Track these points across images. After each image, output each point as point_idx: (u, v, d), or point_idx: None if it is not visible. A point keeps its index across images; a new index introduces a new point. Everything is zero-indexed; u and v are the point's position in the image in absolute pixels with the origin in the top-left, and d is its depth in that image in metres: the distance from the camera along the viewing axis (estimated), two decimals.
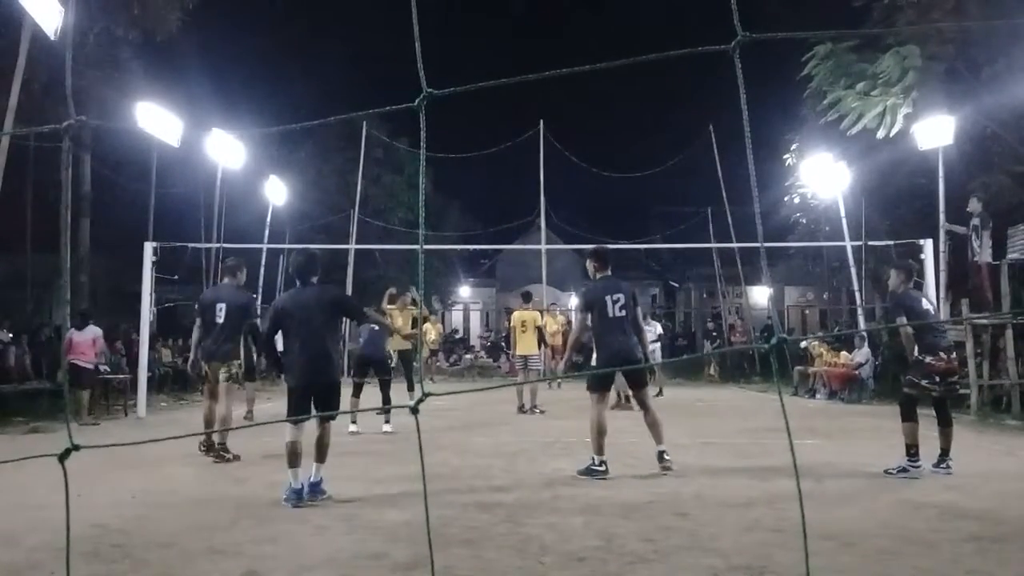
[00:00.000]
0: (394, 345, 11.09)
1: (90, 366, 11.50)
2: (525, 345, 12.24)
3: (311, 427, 5.64)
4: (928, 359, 6.39)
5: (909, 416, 6.45)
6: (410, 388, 11.85)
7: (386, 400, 9.57)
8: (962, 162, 14.07)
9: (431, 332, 13.95)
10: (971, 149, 14.39)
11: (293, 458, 5.40)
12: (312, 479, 5.45)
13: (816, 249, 20.69)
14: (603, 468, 6.35)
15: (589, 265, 6.91)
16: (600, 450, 6.42)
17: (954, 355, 6.83)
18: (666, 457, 6.48)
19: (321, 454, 5.56)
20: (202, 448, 7.44)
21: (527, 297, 13.12)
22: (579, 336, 7.03)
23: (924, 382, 6.45)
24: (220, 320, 7.38)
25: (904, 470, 6.32)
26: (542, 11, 51.56)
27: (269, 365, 9.28)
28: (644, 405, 6.70)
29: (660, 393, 14.85)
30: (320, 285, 5.85)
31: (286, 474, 5.38)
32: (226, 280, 7.81)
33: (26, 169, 16.84)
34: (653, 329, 15.93)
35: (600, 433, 6.48)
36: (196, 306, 7.83)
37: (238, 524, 4.78)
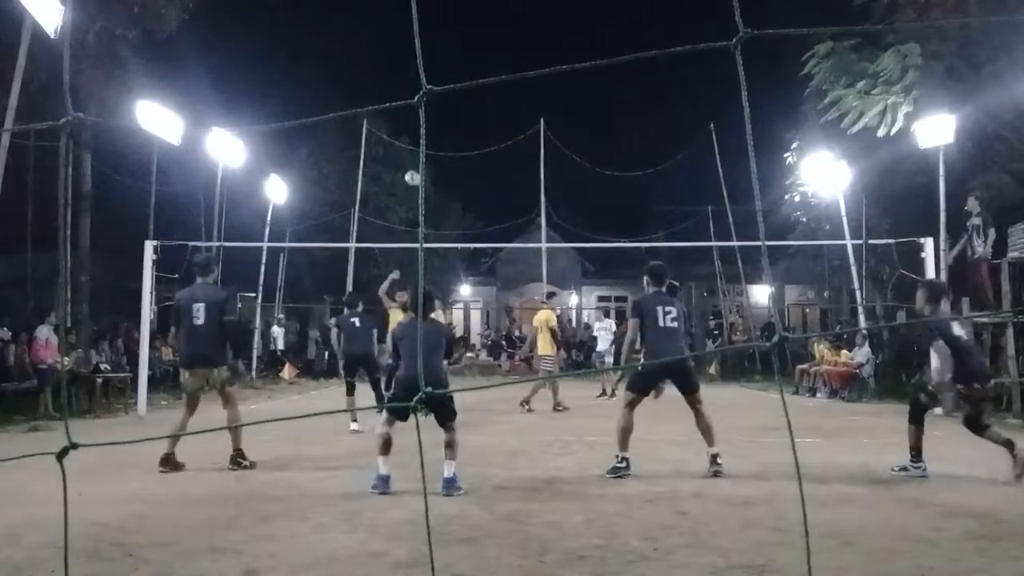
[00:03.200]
0: None
1: (44, 367, 11.88)
2: (541, 346, 12.28)
3: None
4: (961, 387, 6.20)
5: (916, 420, 6.50)
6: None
7: (379, 399, 9.43)
8: (963, 161, 14.06)
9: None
10: (972, 147, 14.38)
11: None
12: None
13: (816, 248, 20.69)
14: (624, 464, 6.41)
15: (645, 280, 7.14)
16: (624, 447, 6.50)
17: (992, 383, 6.69)
18: (718, 461, 6.42)
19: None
20: (164, 467, 6.62)
21: (551, 296, 13.24)
22: (633, 342, 7.00)
23: (946, 399, 6.39)
24: (199, 321, 6.89)
25: (904, 468, 6.41)
26: (543, 9, 51.52)
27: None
28: (697, 411, 6.67)
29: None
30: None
31: (286, 473, 5.37)
32: (199, 279, 7.23)
33: (26, 168, 16.84)
34: (608, 326, 15.94)
35: (626, 430, 6.57)
36: (172, 310, 7.26)
37: (238, 522, 4.78)
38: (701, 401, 6.69)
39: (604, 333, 15.67)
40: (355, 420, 9.36)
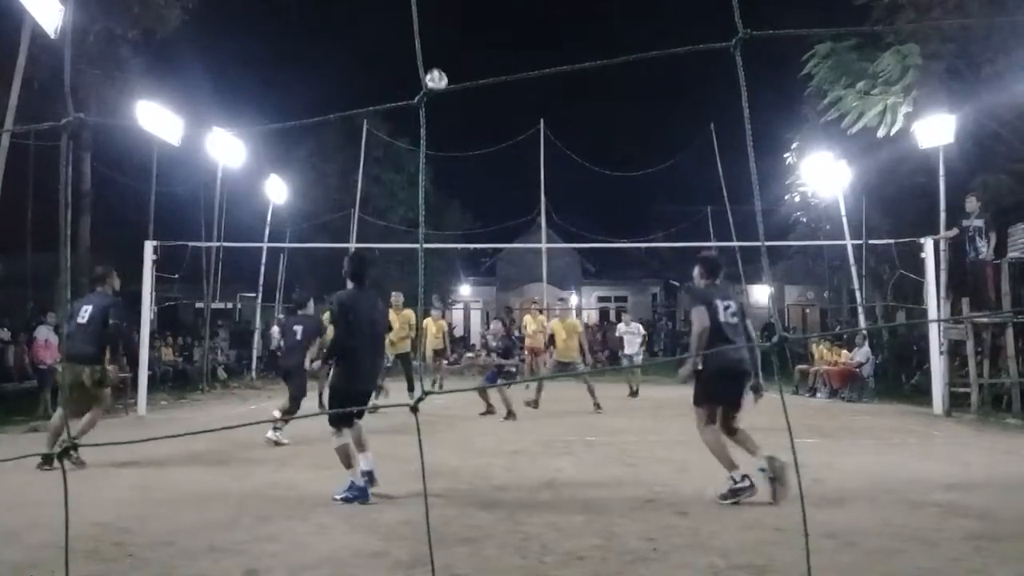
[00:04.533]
0: (391, 348, 11.12)
1: (44, 367, 11.89)
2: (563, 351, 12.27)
3: None
4: None
5: None
6: (410, 388, 11.84)
7: (292, 411, 8.65)
8: (963, 161, 14.06)
9: (431, 327, 13.70)
10: (972, 148, 14.38)
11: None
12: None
13: (816, 248, 20.67)
14: (746, 483, 5.37)
15: (696, 272, 6.13)
16: (732, 465, 5.51)
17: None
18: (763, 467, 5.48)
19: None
20: (46, 466, 6.31)
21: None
22: (701, 336, 5.74)
23: None
24: (83, 321, 7.30)
25: None
26: (543, 10, 51.51)
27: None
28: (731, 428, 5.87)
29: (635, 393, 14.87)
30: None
31: (286, 473, 5.37)
32: (97, 288, 7.74)
33: (26, 168, 16.84)
34: (636, 329, 15.97)
35: (722, 448, 5.64)
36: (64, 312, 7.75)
37: (239, 522, 4.78)
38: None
39: (631, 336, 15.68)
40: (276, 429, 8.59)
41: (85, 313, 7.35)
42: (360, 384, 5.57)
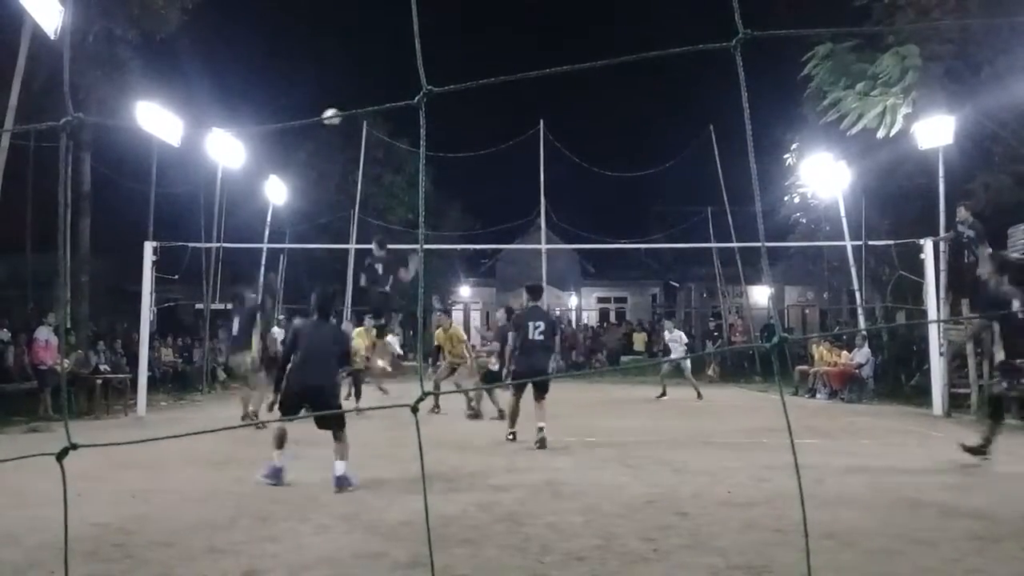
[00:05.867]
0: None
1: (44, 368, 11.96)
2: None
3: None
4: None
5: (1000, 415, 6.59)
6: (357, 396, 11.98)
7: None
8: (962, 161, 14.06)
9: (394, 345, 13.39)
10: (971, 148, 14.38)
11: None
12: None
13: (816, 249, 20.67)
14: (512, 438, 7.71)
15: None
16: (512, 423, 7.58)
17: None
18: None
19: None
20: None
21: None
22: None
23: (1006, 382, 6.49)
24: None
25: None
26: (543, 11, 51.52)
27: None
28: None
29: (664, 394, 14.89)
30: None
31: (286, 474, 5.35)
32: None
33: (26, 169, 16.83)
34: (679, 338, 16.05)
35: (515, 413, 8.29)
36: None
37: (238, 523, 4.78)
38: None
39: (676, 345, 15.87)
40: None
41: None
42: (295, 388, 6.25)
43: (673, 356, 15.98)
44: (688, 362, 16.08)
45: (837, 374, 15.06)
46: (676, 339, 16.00)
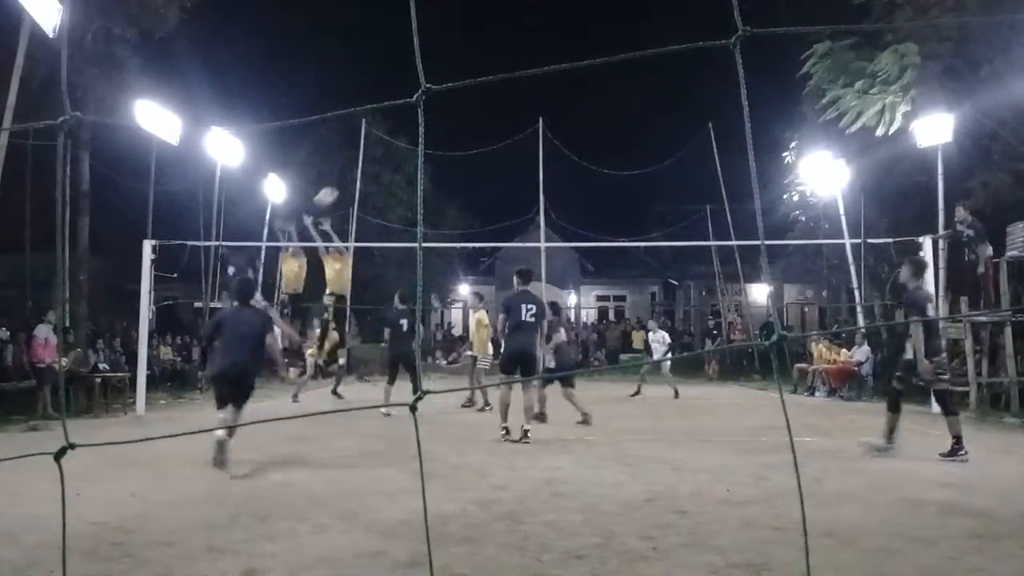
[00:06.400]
0: (333, 287, 12.31)
1: (43, 366, 11.92)
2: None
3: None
4: (935, 359, 7.02)
5: (897, 408, 7.23)
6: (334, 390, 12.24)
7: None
8: (961, 159, 14.07)
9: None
10: (970, 146, 14.39)
11: None
12: None
13: (815, 247, 20.69)
14: (508, 435, 7.64)
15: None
16: (504, 419, 7.98)
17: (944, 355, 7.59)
18: None
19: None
20: None
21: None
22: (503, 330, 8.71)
23: (922, 380, 7.10)
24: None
25: (882, 450, 7.13)
26: (543, 10, 51.48)
27: None
28: None
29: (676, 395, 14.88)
30: None
31: (285, 473, 5.36)
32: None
33: (25, 168, 16.82)
34: (662, 338, 16.05)
35: (506, 405, 8.41)
36: None
37: (237, 522, 4.77)
38: None
39: (658, 345, 15.91)
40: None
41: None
42: (219, 374, 6.82)
43: (656, 356, 16.04)
44: (668, 363, 16.11)
45: (836, 372, 15.07)
46: (659, 339, 16.01)
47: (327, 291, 12.72)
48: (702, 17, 24.87)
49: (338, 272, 12.48)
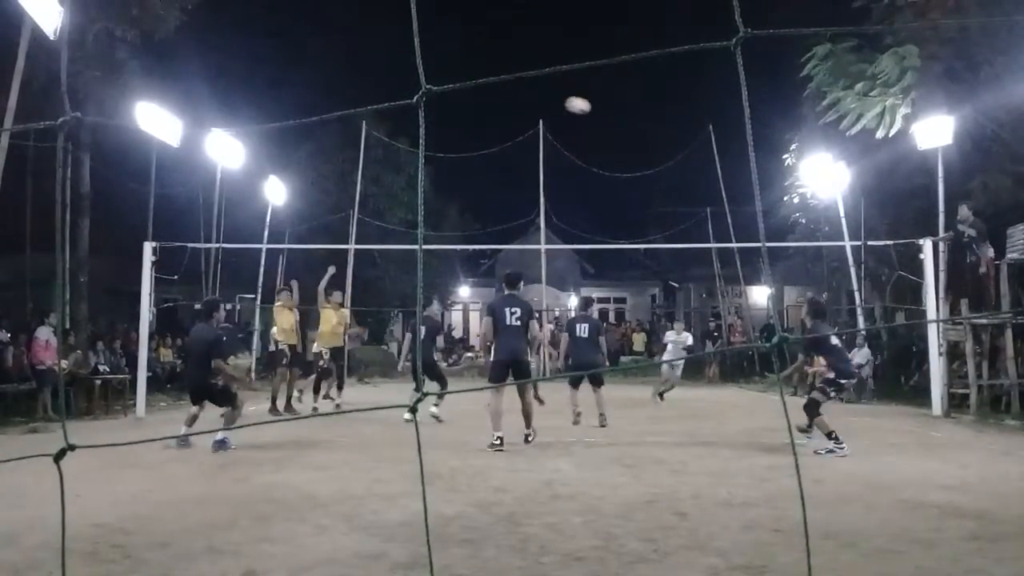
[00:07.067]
0: (324, 342, 11.97)
1: (43, 368, 11.98)
2: None
3: None
4: (843, 381, 8.11)
5: (819, 413, 7.73)
6: (340, 387, 12.35)
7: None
8: (961, 162, 14.07)
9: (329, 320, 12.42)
10: (970, 149, 14.38)
11: None
12: None
13: (815, 249, 20.68)
14: (498, 443, 7.94)
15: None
16: (496, 427, 7.95)
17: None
18: None
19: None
20: None
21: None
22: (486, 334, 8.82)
23: (832, 393, 8.01)
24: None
25: (832, 451, 7.41)
26: (543, 10, 51.52)
27: None
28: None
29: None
30: None
31: (284, 474, 5.36)
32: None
33: (25, 169, 16.82)
34: (685, 340, 15.39)
35: (497, 413, 8.16)
36: None
37: (237, 524, 4.77)
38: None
39: (676, 346, 15.11)
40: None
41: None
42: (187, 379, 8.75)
43: (667, 355, 15.56)
44: (670, 364, 15.51)
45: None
46: (682, 340, 15.49)
47: (323, 348, 11.99)
48: (703, 19, 24.92)
49: (333, 327, 12.00)
